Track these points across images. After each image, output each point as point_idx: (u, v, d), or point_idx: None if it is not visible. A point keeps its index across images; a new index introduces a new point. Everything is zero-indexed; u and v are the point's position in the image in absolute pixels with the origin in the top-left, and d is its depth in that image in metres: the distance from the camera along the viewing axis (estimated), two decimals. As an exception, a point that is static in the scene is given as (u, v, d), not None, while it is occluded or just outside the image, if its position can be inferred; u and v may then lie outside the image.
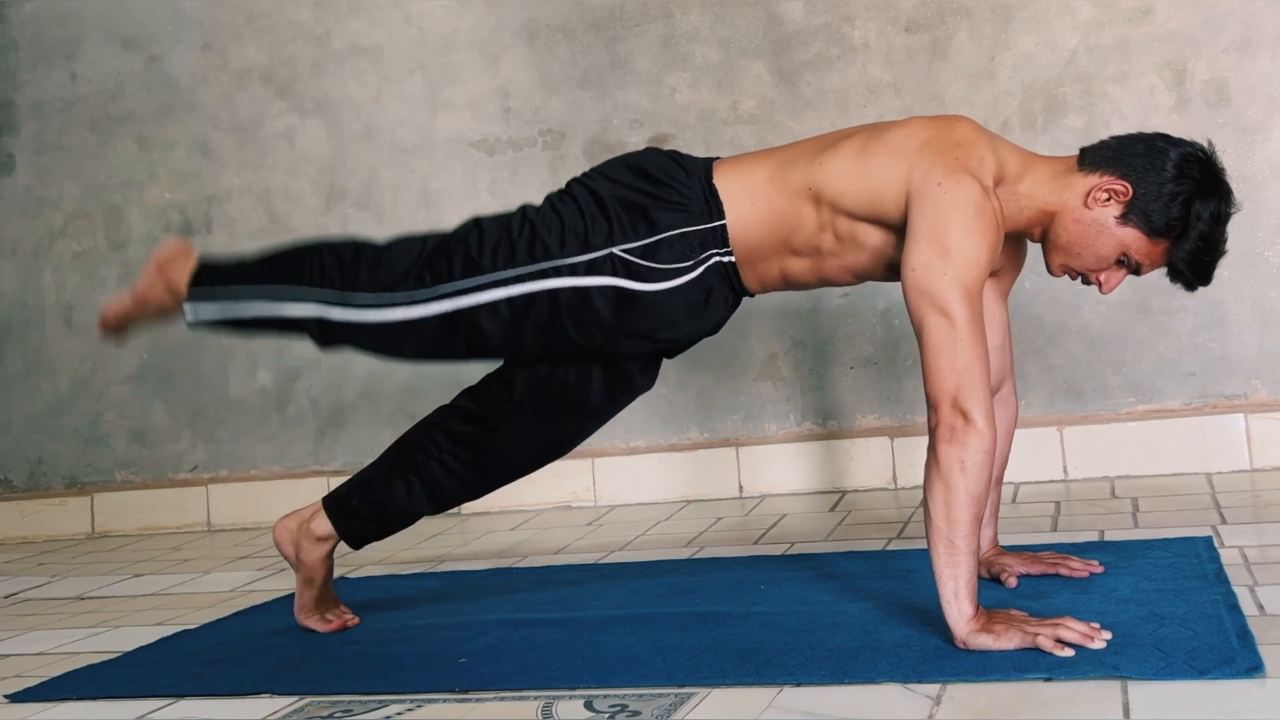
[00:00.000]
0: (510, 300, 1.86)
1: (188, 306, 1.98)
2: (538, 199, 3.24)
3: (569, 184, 1.94)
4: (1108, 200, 1.77)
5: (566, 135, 3.28)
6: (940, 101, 3.00)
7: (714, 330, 1.96)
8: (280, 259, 1.97)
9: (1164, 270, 1.83)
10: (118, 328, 2.06)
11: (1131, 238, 1.77)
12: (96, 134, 3.65)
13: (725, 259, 1.86)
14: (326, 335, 1.95)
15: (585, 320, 1.87)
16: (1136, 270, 1.81)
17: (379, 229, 3.42)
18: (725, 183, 1.87)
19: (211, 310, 1.97)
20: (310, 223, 3.47)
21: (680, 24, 3.20)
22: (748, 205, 1.85)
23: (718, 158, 1.94)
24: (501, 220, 1.91)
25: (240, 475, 3.55)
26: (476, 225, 1.92)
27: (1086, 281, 1.85)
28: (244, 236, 3.53)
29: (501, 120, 3.33)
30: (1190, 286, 1.83)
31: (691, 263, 1.84)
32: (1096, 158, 1.80)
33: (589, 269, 1.84)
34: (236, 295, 1.96)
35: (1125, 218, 1.76)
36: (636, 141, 3.21)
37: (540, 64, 3.30)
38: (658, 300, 1.85)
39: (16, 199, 3.73)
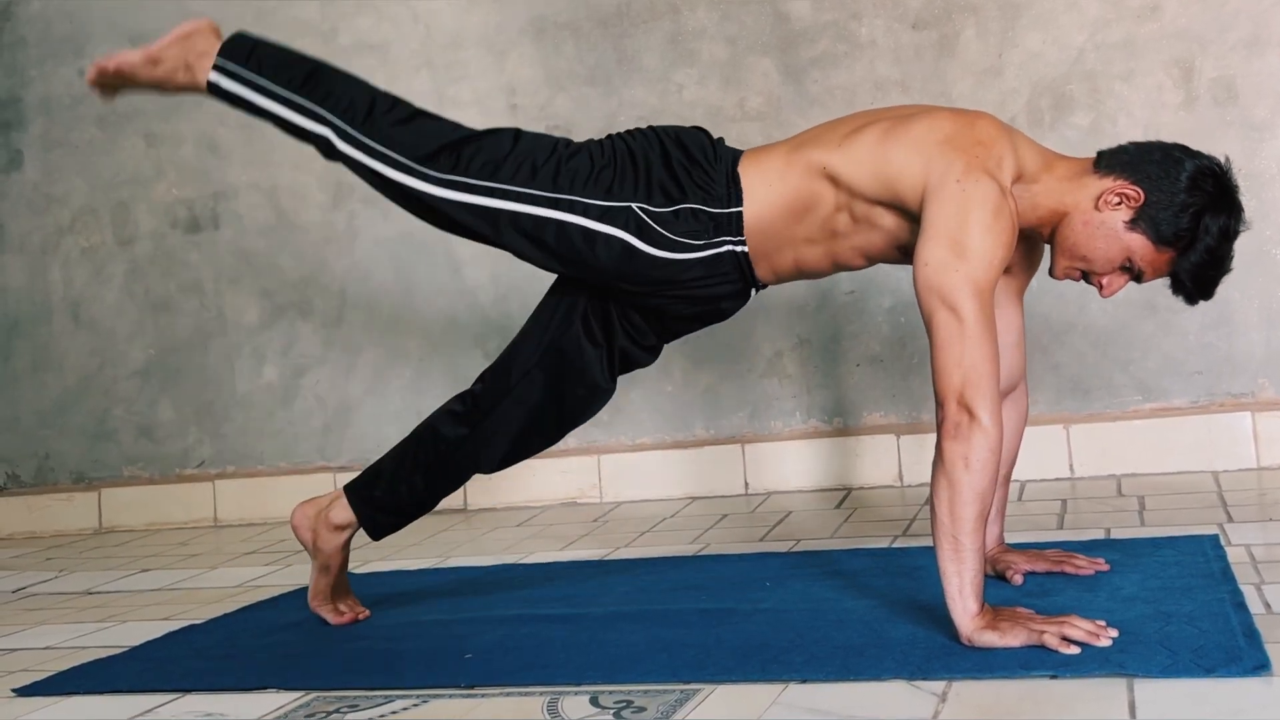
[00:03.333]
0: (515, 215, 1.88)
1: (214, 73, 1.99)
2: (544, 196, 3.30)
3: (612, 136, 1.97)
4: (1119, 204, 1.77)
5: (573, 132, 3.28)
6: (948, 99, 2.99)
7: (717, 314, 1.98)
8: (321, 74, 1.98)
9: (1166, 281, 1.83)
10: (113, 82, 2.04)
11: (1138, 244, 1.77)
12: (104, 130, 3.66)
13: (738, 248, 1.87)
14: (331, 155, 1.98)
15: (583, 263, 1.90)
16: (1139, 278, 1.81)
17: (385, 226, 3.42)
18: (746, 172, 1.89)
19: (232, 87, 1.99)
20: (317, 219, 3.48)
21: (687, 21, 3.20)
22: (764, 189, 1.87)
23: (744, 150, 1.95)
24: (540, 140, 1.94)
25: (247, 471, 3.55)
26: (515, 134, 1.95)
27: (1088, 281, 1.86)
28: (251, 233, 3.53)
29: (508, 117, 3.33)
30: (1191, 300, 1.82)
31: (702, 243, 1.87)
32: (1113, 162, 1.80)
33: (602, 215, 1.86)
34: (262, 88, 1.98)
35: (1134, 223, 1.76)
36: (643, 138, 3.21)
37: (547, 61, 3.30)
38: (656, 264, 1.87)
39: (24, 195, 3.73)
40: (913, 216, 1.79)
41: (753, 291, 1.96)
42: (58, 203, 3.70)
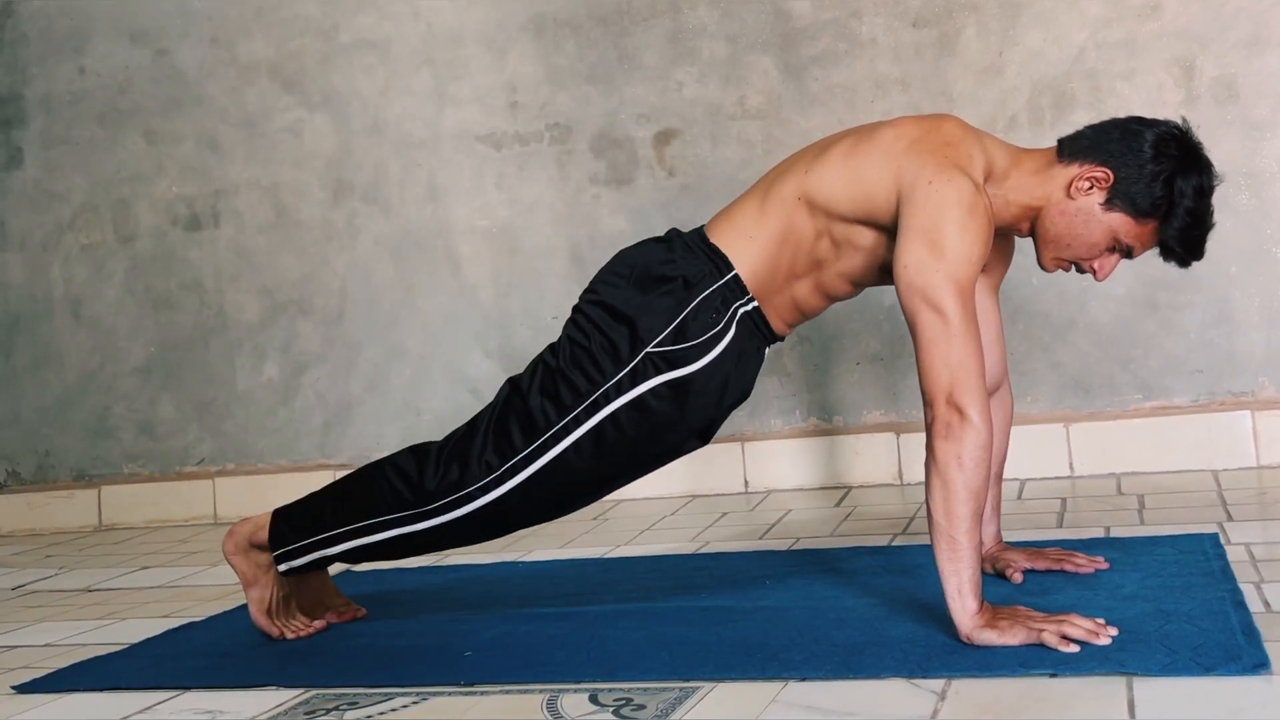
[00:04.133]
0: (577, 444, 1.84)
1: (279, 567, 2.00)
2: (544, 194, 3.31)
3: (578, 305, 1.92)
4: (1090, 188, 1.78)
5: (573, 130, 3.28)
6: (948, 97, 2.99)
7: (750, 388, 1.93)
8: (349, 493, 1.96)
9: (1156, 253, 1.84)
10: (280, 622, 2.03)
11: (1119, 222, 1.78)
12: (105, 127, 3.66)
13: (748, 307, 1.86)
14: (419, 547, 1.96)
15: (655, 427, 1.85)
16: (1129, 254, 1.82)
17: (386, 223, 3.42)
18: (721, 237, 1.87)
19: (301, 561, 2.00)
20: (318, 216, 3.48)
21: (688, 19, 3.19)
22: (747, 243, 1.86)
23: (705, 224, 1.94)
24: (535, 372, 1.89)
25: (247, 468, 3.56)
26: (514, 389, 1.90)
27: (1081, 270, 1.86)
28: (251, 230, 3.53)
29: (509, 115, 3.33)
30: (1184, 263, 1.83)
31: (722, 324, 1.84)
32: (1075, 147, 1.81)
33: (633, 379, 1.82)
34: (321, 544, 1.97)
35: (1110, 203, 1.78)
36: (643, 136, 3.22)
37: (547, 58, 3.30)
38: (709, 374, 1.83)
39: (25, 192, 3.73)
40: (890, 232, 1.79)
41: (767, 349, 1.95)
42: (58, 200, 3.70)
